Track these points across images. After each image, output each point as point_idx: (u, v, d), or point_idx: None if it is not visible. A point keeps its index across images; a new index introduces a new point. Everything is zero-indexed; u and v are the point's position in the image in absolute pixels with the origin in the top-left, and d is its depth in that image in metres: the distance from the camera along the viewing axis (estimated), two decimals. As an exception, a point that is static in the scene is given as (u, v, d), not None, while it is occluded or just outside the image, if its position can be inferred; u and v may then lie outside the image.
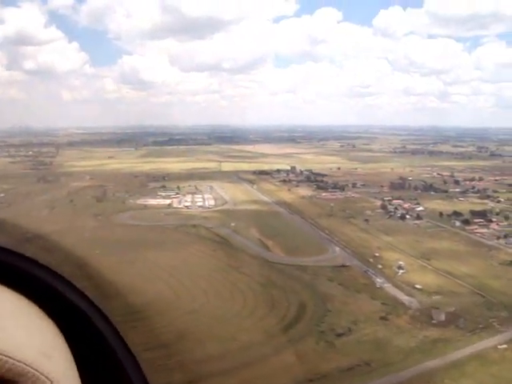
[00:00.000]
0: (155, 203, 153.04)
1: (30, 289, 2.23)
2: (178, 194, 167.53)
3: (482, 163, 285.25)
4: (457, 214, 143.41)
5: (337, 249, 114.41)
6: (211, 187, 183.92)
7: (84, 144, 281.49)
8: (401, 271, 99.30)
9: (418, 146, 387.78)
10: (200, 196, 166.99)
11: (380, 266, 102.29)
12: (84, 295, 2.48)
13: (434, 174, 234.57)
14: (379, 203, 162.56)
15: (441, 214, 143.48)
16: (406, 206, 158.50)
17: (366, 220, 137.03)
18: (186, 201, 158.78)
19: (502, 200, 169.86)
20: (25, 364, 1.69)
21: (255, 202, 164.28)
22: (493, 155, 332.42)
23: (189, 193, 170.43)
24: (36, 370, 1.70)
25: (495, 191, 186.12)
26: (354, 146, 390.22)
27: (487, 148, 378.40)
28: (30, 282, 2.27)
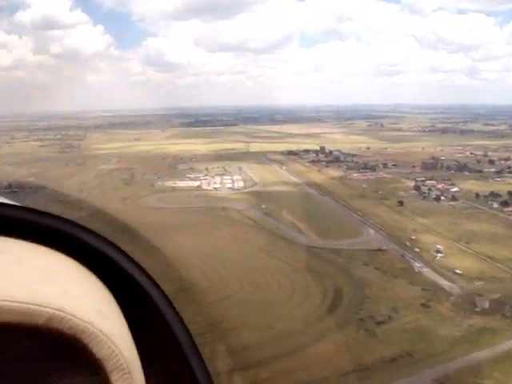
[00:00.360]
0: (184, 185, 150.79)
1: (82, 255, 2.31)
2: (206, 175, 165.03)
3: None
4: (494, 194, 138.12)
5: (371, 231, 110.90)
6: (240, 168, 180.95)
7: (111, 126, 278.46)
8: (439, 255, 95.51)
9: (448, 125, 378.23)
10: (229, 177, 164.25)
11: (417, 250, 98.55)
12: (138, 265, 2.49)
13: (467, 153, 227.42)
14: (412, 184, 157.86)
15: (477, 194, 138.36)
16: (439, 186, 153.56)
17: (400, 201, 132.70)
18: (214, 182, 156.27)
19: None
20: (85, 322, 1.83)
21: (285, 183, 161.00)
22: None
23: (217, 174, 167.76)
24: (95, 328, 1.84)
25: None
26: (382, 126, 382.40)
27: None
28: (81, 248, 2.36)
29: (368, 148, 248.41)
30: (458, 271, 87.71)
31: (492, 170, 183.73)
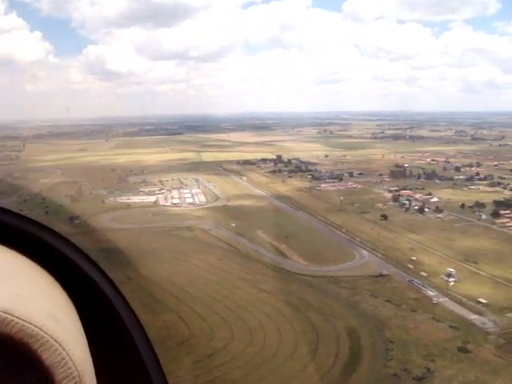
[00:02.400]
0: (139, 201, 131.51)
1: (39, 254, 2.23)
2: (162, 189, 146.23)
3: (468, 147, 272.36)
4: (479, 205, 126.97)
5: (364, 252, 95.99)
6: (197, 180, 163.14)
7: (51, 137, 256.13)
8: (451, 280, 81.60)
9: (397, 131, 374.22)
10: (187, 191, 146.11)
11: (424, 274, 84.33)
12: (94, 263, 2.49)
13: (428, 159, 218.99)
14: (387, 194, 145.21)
15: (462, 205, 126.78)
16: (417, 196, 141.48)
17: (383, 215, 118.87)
18: (173, 197, 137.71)
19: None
20: (34, 326, 1.68)
21: (249, 196, 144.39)
22: (474, 139, 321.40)
23: (174, 188, 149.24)
24: (45, 333, 1.69)
25: (501, 177, 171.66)
26: (331, 133, 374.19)
27: (465, 132, 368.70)
28: (39, 247, 2.27)
29: (326, 156, 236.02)
30: (481, 300, 73.71)
31: (461, 177, 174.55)
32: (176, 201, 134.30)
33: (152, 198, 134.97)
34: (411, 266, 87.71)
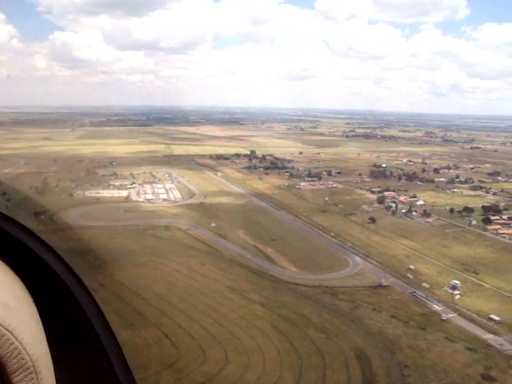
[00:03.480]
0: (109, 195, 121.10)
1: None
2: (134, 183, 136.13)
3: (440, 149, 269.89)
4: (468, 209, 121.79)
5: (357, 259, 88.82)
6: (170, 175, 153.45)
7: (13, 124, 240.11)
8: (456, 293, 75.32)
9: (367, 130, 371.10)
10: (161, 186, 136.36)
11: (426, 285, 77.67)
12: (58, 255, 2.43)
13: (404, 160, 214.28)
14: (371, 196, 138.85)
15: (451, 210, 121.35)
16: (402, 199, 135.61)
17: (372, 218, 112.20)
18: (145, 192, 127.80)
19: (497, 191, 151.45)
20: None
21: (227, 193, 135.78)
22: (445, 141, 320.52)
23: (146, 182, 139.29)
24: None
25: (481, 181, 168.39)
26: (302, 129, 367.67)
27: (434, 133, 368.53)
28: None
29: (301, 153, 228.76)
30: (493, 317, 67.33)
31: (442, 179, 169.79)
32: (149, 196, 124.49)
33: (123, 193, 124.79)
34: (410, 276, 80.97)
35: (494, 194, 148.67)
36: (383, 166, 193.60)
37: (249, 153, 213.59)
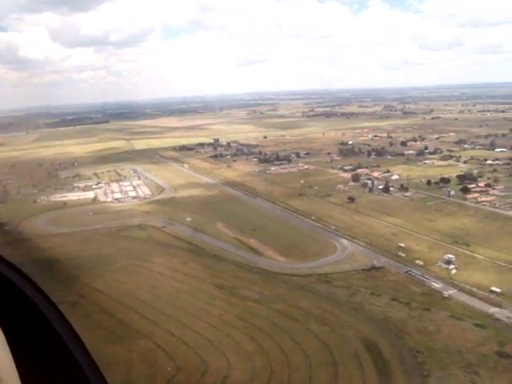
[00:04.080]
0: (75, 198, 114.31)
1: None
2: (99, 183, 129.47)
3: (402, 122, 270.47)
4: (444, 180, 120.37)
5: (344, 242, 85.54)
6: (135, 171, 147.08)
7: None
8: (452, 267, 72.87)
9: (326, 109, 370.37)
10: (128, 183, 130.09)
11: (420, 262, 74.93)
12: (12, 265, 2.43)
13: (370, 136, 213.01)
14: (344, 174, 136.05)
15: (429, 182, 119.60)
16: (375, 174, 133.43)
17: (350, 198, 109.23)
18: (113, 191, 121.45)
19: (467, 159, 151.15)
20: None
21: (197, 184, 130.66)
22: (405, 113, 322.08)
23: (112, 180, 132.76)
24: None
25: (449, 150, 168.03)
26: (261, 113, 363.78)
27: (393, 107, 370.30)
28: None
29: (265, 137, 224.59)
30: (494, 289, 65.02)
31: (411, 152, 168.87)
32: (118, 195, 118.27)
33: (90, 194, 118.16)
34: (402, 254, 78.15)
35: (465, 162, 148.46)
36: (350, 143, 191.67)
37: (212, 141, 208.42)
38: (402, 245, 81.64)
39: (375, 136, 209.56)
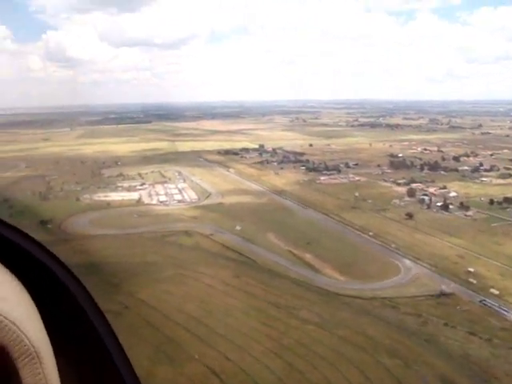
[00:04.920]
0: (119, 198, 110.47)
1: None
2: (143, 184, 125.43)
3: (450, 136, 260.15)
4: (508, 200, 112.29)
5: (407, 262, 78.90)
6: (180, 173, 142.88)
7: (11, 125, 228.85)
8: (532, 299, 65.11)
9: (370, 119, 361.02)
10: (173, 186, 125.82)
11: (495, 292, 67.81)
12: (54, 256, 2.48)
13: (419, 149, 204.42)
14: (398, 188, 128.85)
15: (491, 201, 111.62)
16: (432, 190, 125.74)
17: (409, 214, 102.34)
18: (158, 193, 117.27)
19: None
20: None
21: (245, 191, 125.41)
22: (452, 127, 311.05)
23: (157, 182, 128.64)
24: None
25: (507, 168, 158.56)
26: (304, 121, 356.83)
27: (438, 120, 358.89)
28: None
29: (311, 145, 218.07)
30: None
31: (465, 168, 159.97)
32: (163, 198, 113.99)
33: (134, 195, 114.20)
34: (473, 281, 71.07)
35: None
36: (400, 155, 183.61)
37: (257, 147, 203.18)
38: (471, 270, 74.53)
39: (425, 149, 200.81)
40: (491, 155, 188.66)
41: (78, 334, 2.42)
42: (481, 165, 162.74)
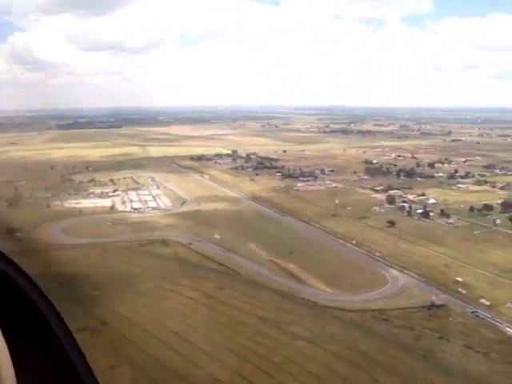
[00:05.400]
0: (91, 205, 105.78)
1: None
2: (116, 190, 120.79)
3: (422, 142, 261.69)
4: (487, 207, 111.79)
5: (393, 272, 76.86)
6: (153, 179, 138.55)
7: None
8: (525, 310, 63.62)
9: (342, 126, 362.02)
10: (147, 192, 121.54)
11: (486, 302, 66.14)
12: (14, 264, 2.44)
13: (393, 155, 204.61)
14: (377, 195, 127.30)
15: (472, 208, 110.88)
16: (411, 197, 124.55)
17: (391, 222, 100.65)
18: (131, 200, 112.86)
19: (503, 185, 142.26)
20: None
21: (221, 198, 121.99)
22: (423, 134, 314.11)
23: (130, 188, 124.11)
24: None
25: (481, 175, 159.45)
26: (276, 126, 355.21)
27: (409, 127, 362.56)
28: None
29: (285, 151, 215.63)
30: None
31: (441, 174, 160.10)
32: (137, 205, 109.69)
33: (107, 202, 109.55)
34: (463, 291, 69.38)
35: (502, 188, 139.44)
36: (375, 162, 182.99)
37: (230, 152, 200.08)
38: (460, 279, 72.81)
39: (399, 156, 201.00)
40: (464, 162, 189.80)
41: (39, 345, 2.34)
42: (456, 171, 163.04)
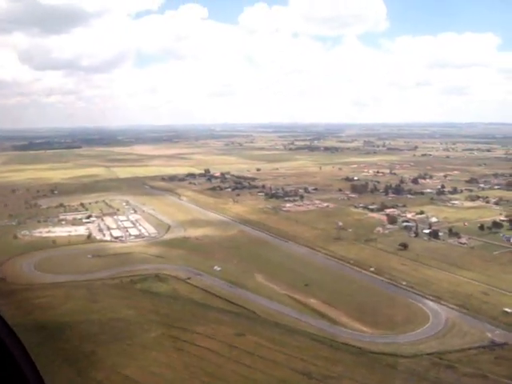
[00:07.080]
0: (65, 234, 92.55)
1: None
2: (90, 216, 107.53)
3: (392, 158, 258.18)
4: (497, 225, 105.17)
5: (430, 304, 67.59)
6: (128, 203, 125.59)
7: None
8: None
9: (306, 142, 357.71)
10: (124, 218, 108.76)
11: (549, 338, 57.15)
12: None
13: (371, 171, 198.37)
14: (373, 215, 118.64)
15: (481, 227, 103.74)
16: (410, 216, 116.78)
17: (403, 244, 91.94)
18: (109, 227, 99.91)
19: (497, 200, 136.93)
20: None
21: (207, 222, 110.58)
22: (390, 149, 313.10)
23: (105, 214, 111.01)
24: None
25: (469, 190, 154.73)
26: (240, 145, 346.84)
27: (372, 142, 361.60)
28: None
29: (258, 169, 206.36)
30: None
31: (428, 190, 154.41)
32: (116, 233, 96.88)
33: (82, 230, 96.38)
34: (517, 325, 60.53)
35: (496, 203, 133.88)
36: (356, 178, 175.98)
37: (203, 172, 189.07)
38: (508, 310, 64.28)
39: (378, 172, 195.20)
40: (445, 177, 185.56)
41: None
42: (443, 187, 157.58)
